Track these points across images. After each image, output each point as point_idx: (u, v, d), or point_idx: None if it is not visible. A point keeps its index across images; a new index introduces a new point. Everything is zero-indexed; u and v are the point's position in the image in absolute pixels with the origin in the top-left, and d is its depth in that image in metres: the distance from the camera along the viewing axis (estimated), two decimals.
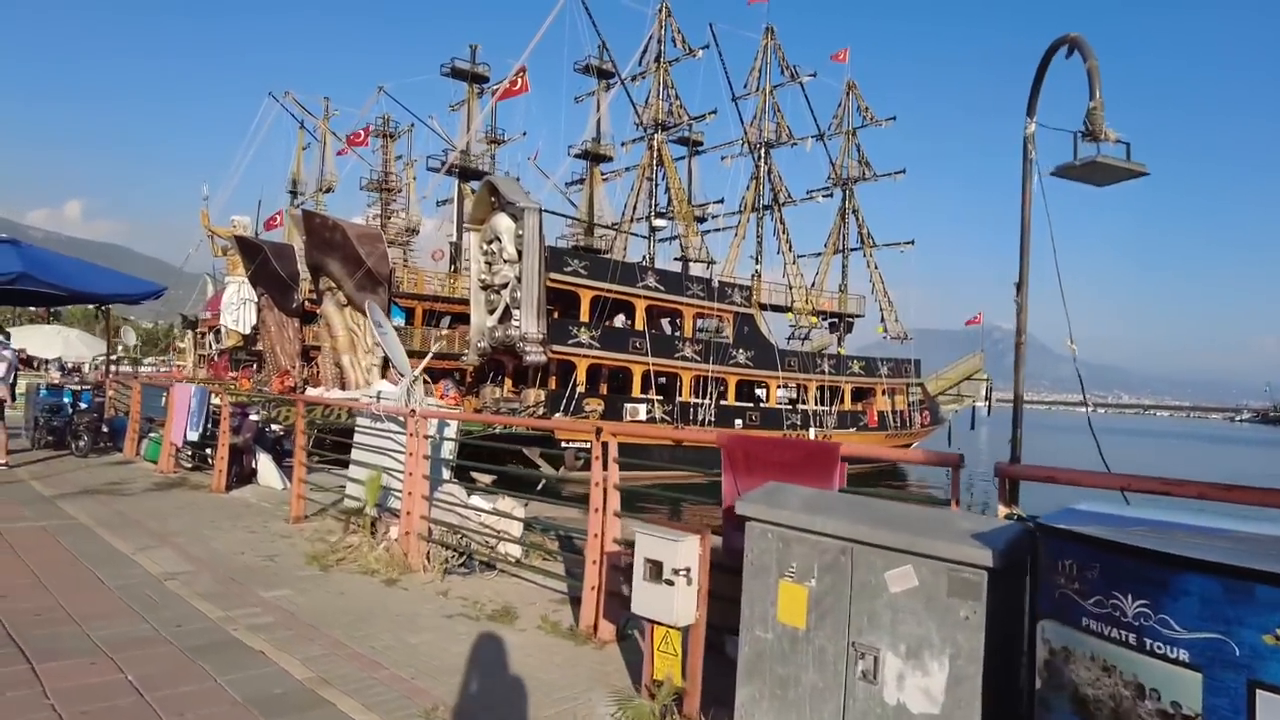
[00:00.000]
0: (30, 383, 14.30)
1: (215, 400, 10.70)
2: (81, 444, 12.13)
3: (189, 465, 11.94)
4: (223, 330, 49.52)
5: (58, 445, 12.60)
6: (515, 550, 6.62)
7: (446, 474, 7.27)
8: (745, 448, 4.22)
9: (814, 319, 34.55)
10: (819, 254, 39.04)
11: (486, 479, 7.55)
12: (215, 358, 47.71)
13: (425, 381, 7.50)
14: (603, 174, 40.76)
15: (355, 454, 7.51)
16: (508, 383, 29.94)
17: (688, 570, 3.72)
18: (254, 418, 10.85)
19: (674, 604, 3.70)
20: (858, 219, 38.25)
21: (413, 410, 6.55)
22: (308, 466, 8.56)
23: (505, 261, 26.98)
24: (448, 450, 7.52)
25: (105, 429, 13.04)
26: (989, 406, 44.93)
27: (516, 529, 6.67)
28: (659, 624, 3.82)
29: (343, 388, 31.64)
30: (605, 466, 5.07)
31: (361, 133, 48.62)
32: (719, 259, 35.66)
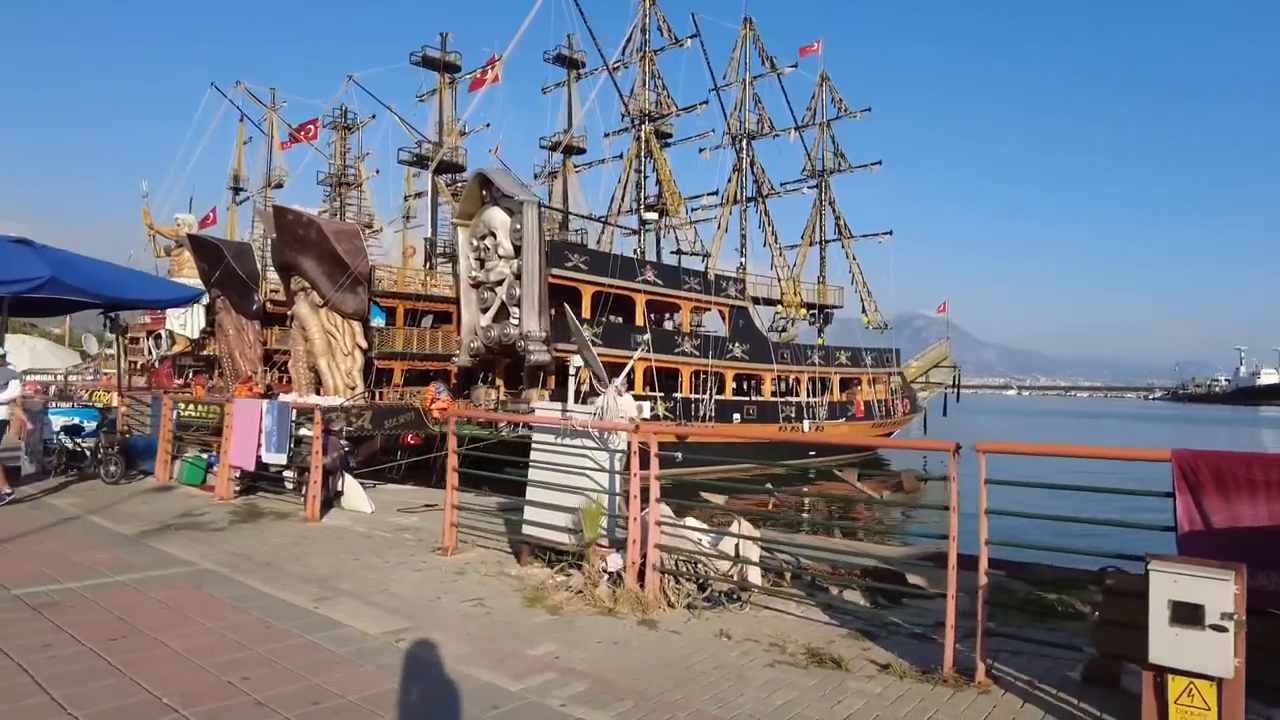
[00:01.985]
0: (31, 402, 12.63)
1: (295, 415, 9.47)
2: (113, 469, 10.69)
3: (238, 488, 10.73)
4: (163, 335, 46.52)
5: (78, 470, 11.13)
6: (755, 578, 5.89)
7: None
8: (1213, 465, 3.62)
9: (803, 311, 34.44)
10: (795, 245, 39.00)
11: (718, 498, 6.75)
12: (156, 365, 44.68)
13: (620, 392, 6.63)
14: (575, 166, 39.71)
15: (534, 475, 6.60)
16: (499, 383, 28.81)
17: (1234, 614, 3.10)
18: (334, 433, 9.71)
19: (1221, 654, 3.08)
20: (834, 210, 38.37)
21: (636, 425, 5.71)
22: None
23: (501, 257, 25.79)
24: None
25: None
26: (958, 393, 45.98)
27: (754, 553, 5.93)
28: (1182, 674, 3.20)
29: (318, 393, 29.88)
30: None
31: (311, 125, 46.25)
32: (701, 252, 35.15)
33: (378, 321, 29.83)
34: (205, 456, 11.90)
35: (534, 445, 6.66)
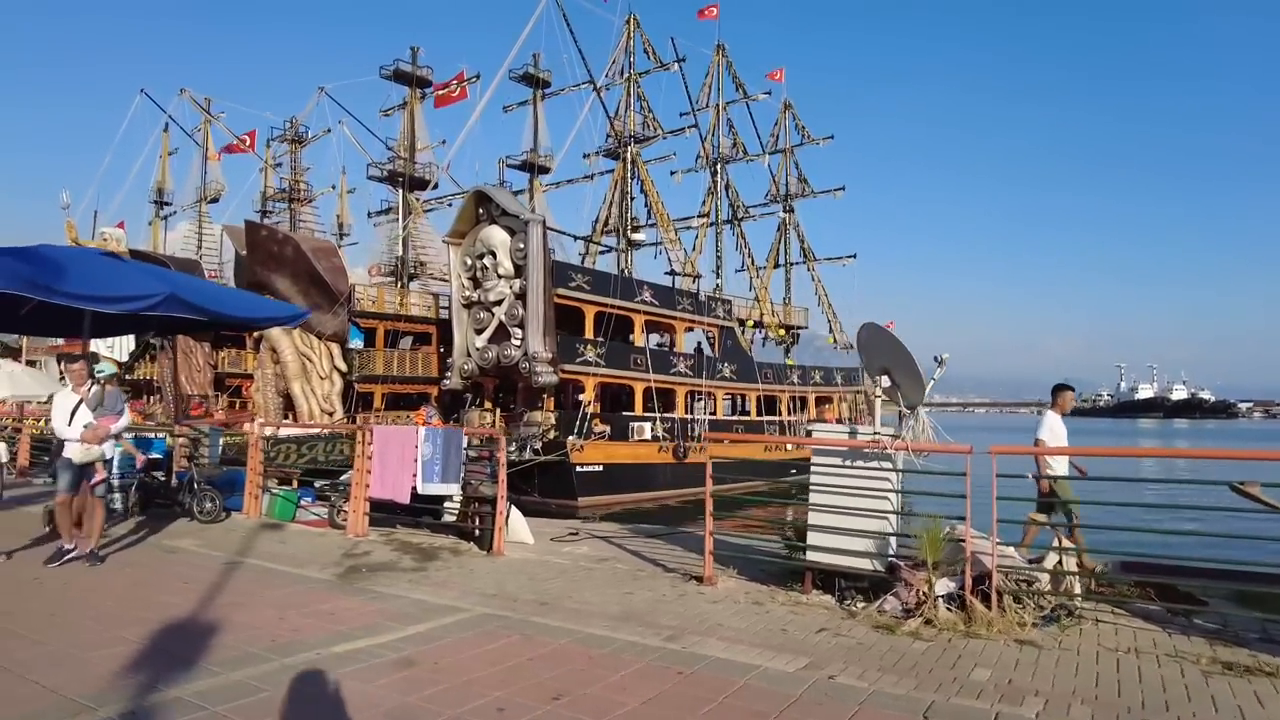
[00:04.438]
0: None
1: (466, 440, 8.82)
2: (210, 506, 9.72)
3: (345, 522, 10.00)
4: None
5: (153, 507, 10.08)
6: (1077, 588, 5.90)
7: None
8: None
9: (781, 332, 35.08)
10: (762, 267, 39.78)
11: (1041, 516, 6.66)
12: None
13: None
14: (543, 185, 39.28)
15: (817, 499, 6.39)
16: (488, 405, 27.97)
17: None
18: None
19: None
20: (799, 234, 39.41)
21: (974, 447, 5.64)
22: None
23: (500, 277, 25.14)
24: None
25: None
26: None
27: (1073, 567, 5.94)
28: None
29: (292, 419, 28.15)
30: None
31: (247, 137, 44.01)
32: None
33: (356, 343, 28.46)
34: (295, 491, 11.07)
35: (815, 469, 6.46)
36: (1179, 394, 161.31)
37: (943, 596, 5.75)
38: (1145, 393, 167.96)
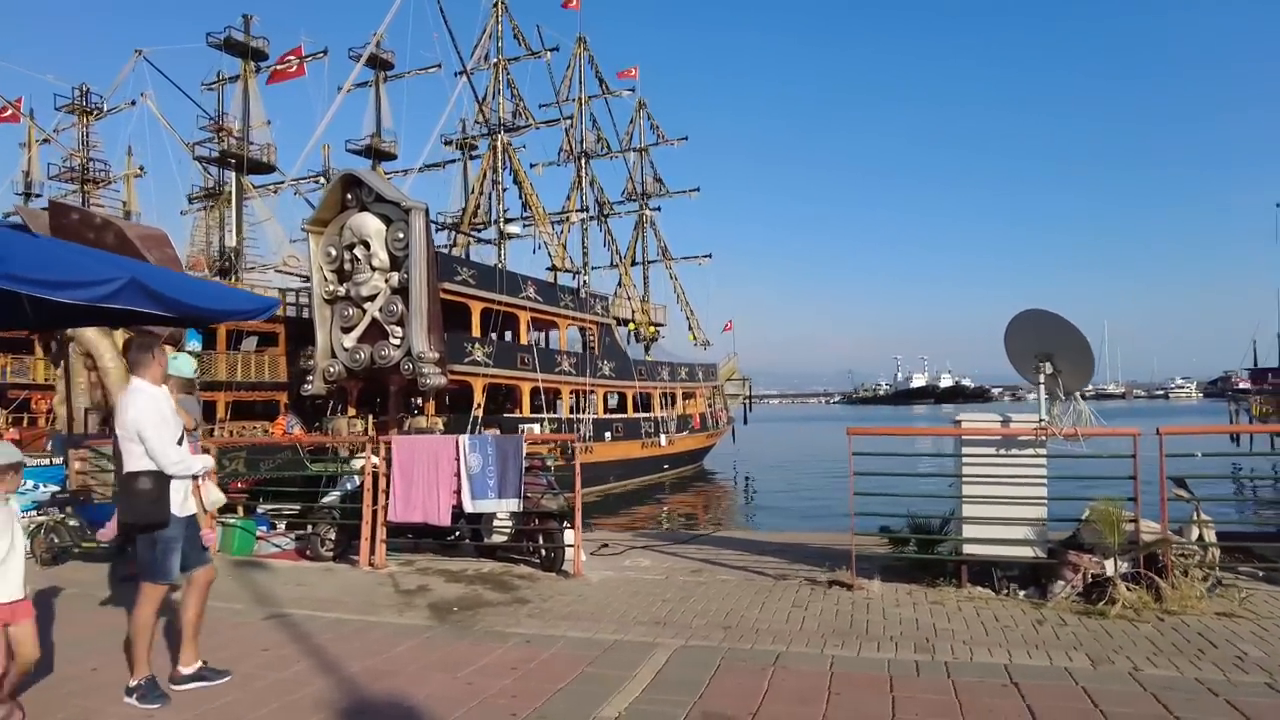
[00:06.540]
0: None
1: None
2: None
3: (330, 553, 8.62)
4: None
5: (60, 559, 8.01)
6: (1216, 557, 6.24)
7: None
8: None
9: (652, 330, 35.16)
10: (618, 265, 39.74)
11: (1184, 491, 6.74)
12: None
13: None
14: (385, 173, 36.54)
15: (970, 491, 6.24)
16: (352, 411, 25.47)
17: None
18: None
19: None
20: (656, 233, 39.83)
21: (1158, 430, 5.79)
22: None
23: (374, 269, 22.88)
24: None
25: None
26: (750, 404, 50.25)
27: (1213, 537, 6.28)
28: None
29: (110, 432, 23.88)
30: None
31: (10, 105, 37.00)
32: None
33: (194, 345, 24.62)
34: (253, 520, 9.29)
35: (967, 460, 6.31)
36: (946, 382, 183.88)
37: (1116, 575, 5.84)
38: (919, 381, 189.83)
